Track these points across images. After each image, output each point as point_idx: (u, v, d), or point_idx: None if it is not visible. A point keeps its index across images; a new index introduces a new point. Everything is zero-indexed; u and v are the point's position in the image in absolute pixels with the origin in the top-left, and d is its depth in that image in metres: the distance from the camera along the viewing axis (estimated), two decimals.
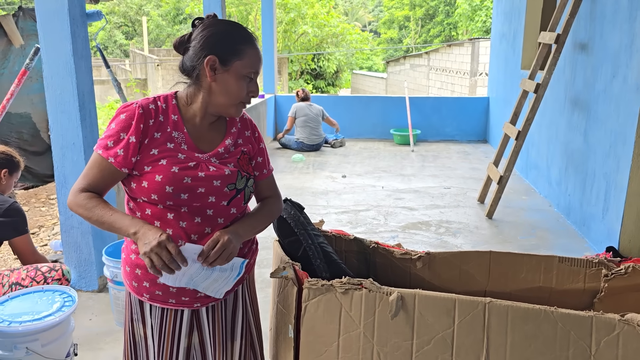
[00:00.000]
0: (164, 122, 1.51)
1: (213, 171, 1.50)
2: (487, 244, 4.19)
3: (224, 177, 1.51)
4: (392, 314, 1.60)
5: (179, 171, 1.46)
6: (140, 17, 25.45)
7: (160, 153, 1.47)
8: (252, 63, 1.51)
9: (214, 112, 1.55)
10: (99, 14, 3.22)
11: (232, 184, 1.53)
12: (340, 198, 5.39)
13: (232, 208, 1.55)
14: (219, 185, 1.50)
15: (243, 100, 1.52)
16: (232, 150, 1.59)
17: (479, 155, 7.42)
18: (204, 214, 1.50)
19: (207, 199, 1.49)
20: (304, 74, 17.51)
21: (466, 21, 20.83)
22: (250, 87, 1.52)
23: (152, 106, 1.51)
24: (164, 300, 1.54)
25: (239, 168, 1.57)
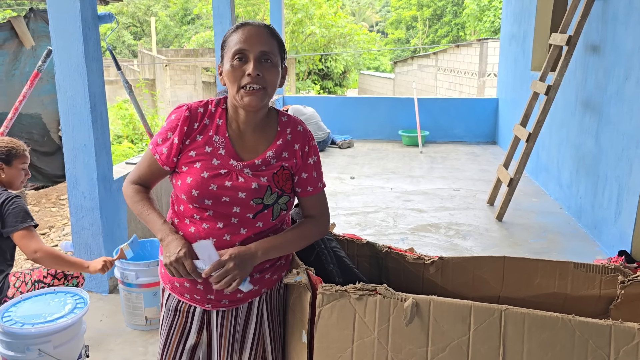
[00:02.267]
0: (209, 125, 1.52)
1: (241, 182, 1.49)
2: (498, 246, 4.16)
3: (250, 190, 1.49)
4: (407, 321, 1.58)
5: (208, 177, 1.47)
6: (148, 18, 25.55)
7: (197, 156, 1.50)
8: (238, 40, 1.46)
9: (242, 107, 1.51)
10: (110, 16, 3.23)
11: (258, 198, 1.50)
12: (349, 200, 5.38)
13: (258, 222, 1.53)
14: (244, 198, 1.49)
15: (242, 83, 1.46)
16: (273, 163, 1.54)
17: (488, 156, 7.39)
18: (228, 221, 1.50)
19: (232, 208, 1.49)
20: (312, 75, 17.50)
21: (474, 21, 20.75)
22: (245, 68, 1.45)
23: (200, 109, 1.53)
24: (180, 293, 1.58)
25: (272, 183, 1.52)
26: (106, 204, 3.26)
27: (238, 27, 1.50)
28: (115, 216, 3.38)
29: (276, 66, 1.50)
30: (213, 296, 1.54)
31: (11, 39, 5.53)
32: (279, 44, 1.53)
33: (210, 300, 1.56)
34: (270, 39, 1.50)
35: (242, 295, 1.56)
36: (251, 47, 1.46)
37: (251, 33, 1.47)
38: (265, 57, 1.47)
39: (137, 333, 2.94)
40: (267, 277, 1.62)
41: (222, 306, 1.58)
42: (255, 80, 1.45)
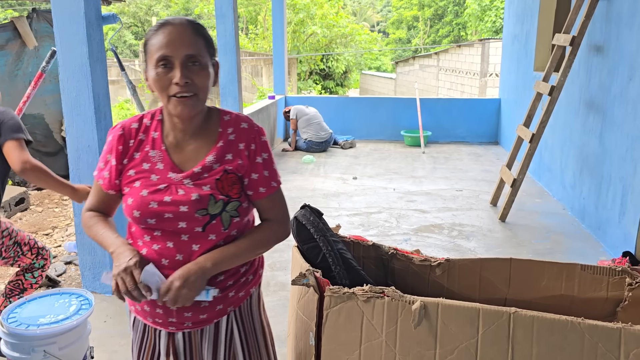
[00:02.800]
0: (145, 140, 1.44)
1: (181, 195, 1.38)
2: (501, 247, 4.16)
3: (191, 202, 1.37)
4: (415, 323, 1.58)
5: (148, 195, 1.38)
6: (149, 18, 25.56)
7: (136, 174, 1.42)
8: (160, 44, 1.34)
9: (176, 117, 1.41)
10: (114, 17, 3.23)
11: (202, 209, 1.38)
12: (352, 200, 5.37)
13: (209, 234, 1.40)
14: (187, 211, 1.37)
15: (170, 92, 1.35)
16: (215, 168, 1.42)
17: (490, 157, 7.38)
18: (178, 239, 1.40)
19: (177, 224, 1.38)
20: (313, 75, 17.49)
21: (475, 21, 20.74)
22: (171, 76, 1.34)
23: (134, 125, 1.45)
24: (144, 317, 1.50)
25: (216, 190, 1.40)
26: None
27: (158, 27, 1.38)
28: (118, 217, 3.36)
29: (205, 68, 1.39)
30: (174, 319, 1.45)
31: (14, 40, 5.53)
32: (205, 40, 1.41)
33: (173, 322, 1.47)
34: (195, 37, 1.38)
35: (205, 316, 1.47)
36: (175, 51, 1.34)
37: (173, 35, 1.35)
38: (192, 61, 1.36)
39: None
40: (232, 295, 1.50)
41: (186, 328, 1.48)
42: (184, 88, 1.34)
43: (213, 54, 1.45)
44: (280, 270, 3.75)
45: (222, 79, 5.92)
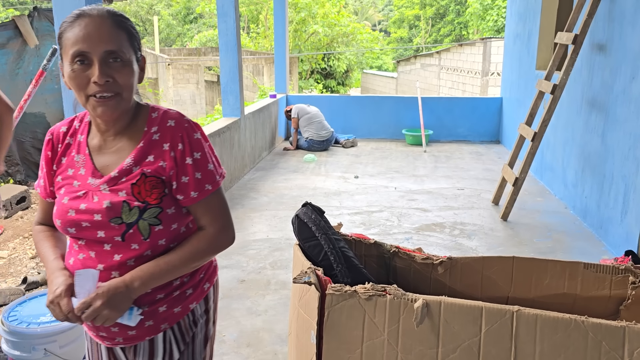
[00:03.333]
0: (72, 144, 1.35)
1: (95, 203, 1.28)
2: (503, 246, 4.15)
3: (103, 210, 1.27)
4: (417, 322, 1.57)
5: (67, 202, 1.30)
6: (151, 17, 25.56)
7: (62, 180, 1.34)
8: (76, 38, 1.21)
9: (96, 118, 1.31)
10: None
11: (116, 218, 1.27)
12: (353, 199, 5.36)
13: (130, 244, 1.29)
14: (101, 219, 1.27)
15: (89, 92, 1.23)
16: (134, 171, 1.30)
17: (492, 156, 7.36)
18: (100, 248, 1.30)
19: (96, 233, 1.29)
20: (314, 74, 17.49)
21: (477, 20, 20.72)
22: (90, 73, 1.22)
23: (64, 128, 1.38)
24: (88, 328, 1.43)
25: (132, 196, 1.28)
26: None
27: (74, 18, 1.24)
28: None
29: (128, 64, 1.26)
30: (104, 333, 1.37)
31: (15, 38, 5.53)
32: (128, 34, 1.28)
33: (104, 337, 1.38)
34: (117, 30, 1.25)
35: (134, 333, 1.35)
36: (93, 47, 1.21)
37: (90, 28, 1.22)
38: (113, 57, 1.23)
39: None
40: (163, 310, 1.37)
41: (118, 344, 1.39)
42: (104, 87, 1.22)
43: (138, 49, 1.32)
44: (282, 269, 3.74)
45: (223, 77, 5.91)
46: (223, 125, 5.52)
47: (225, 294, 3.37)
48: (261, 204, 5.21)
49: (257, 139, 6.85)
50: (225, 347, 2.79)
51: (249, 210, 5.01)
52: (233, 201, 5.27)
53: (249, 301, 3.28)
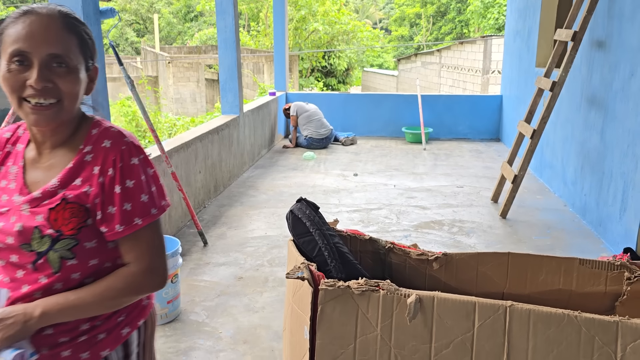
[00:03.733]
0: (11, 153, 1.23)
1: (10, 223, 1.15)
2: (501, 243, 4.14)
3: (14, 233, 1.14)
4: (410, 317, 1.56)
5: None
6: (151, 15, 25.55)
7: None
8: (17, 36, 1.10)
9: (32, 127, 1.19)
10: (112, 11, 3.21)
11: (26, 244, 1.14)
12: (352, 196, 5.36)
13: (39, 275, 1.15)
14: (13, 243, 1.15)
15: (23, 95, 1.11)
16: (58, 194, 1.16)
17: (491, 153, 7.35)
18: (14, 274, 1.17)
19: (9, 257, 1.16)
20: (315, 72, 17.47)
21: (478, 18, 20.69)
22: (27, 75, 1.10)
23: (7, 134, 1.25)
24: None
25: (47, 222, 1.14)
26: None
27: (20, 15, 1.13)
28: None
29: (74, 71, 1.14)
30: None
31: None
32: (80, 39, 1.16)
33: None
34: (66, 33, 1.13)
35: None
36: (35, 47, 1.09)
37: (35, 26, 1.10)
38: (57, 61, 1.12)
39: None
40: (67, 356, 1.19)
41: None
42: (41, 93, 1.10)
43: (90, 56, 1.20)
44: (280, 267, 3.73)
45: (222, 74, 5.91)
46: (222, 122, 5.51)
47: (223, 291, 3.36)
48: (260, 201, 5.21)
49: (256, 136, 6.85)
50: (222, 344, 2.79)
51: (248, 207, 5.01)
52: (232, 199, 5.27)
53: (246, 298, 3.28)
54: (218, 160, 5.35)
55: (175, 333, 2.90)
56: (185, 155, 4.50)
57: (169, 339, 2.84)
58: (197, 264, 3.74)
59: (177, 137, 4.73)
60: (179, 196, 4.26)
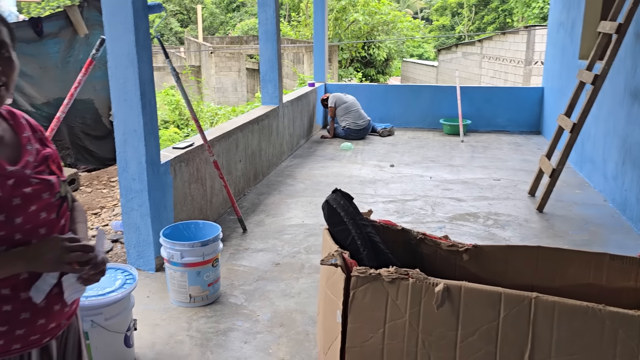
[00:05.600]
0: None
1: (36, 184, 1.27)
2: (537, 237, 4.13)
3: (50, 187, 1.30)
4: (438, 305, 1.64)
5: (4, 194, 1.21)
6: (195, 5, 25.96)
7: None
8: None
9: None
10: (159, 6, 3.36)
11: (57, 193, 1.32)
12: (388, 187, 5.41)
13: (61, 220, 1.35)
14: (48, 197, 1.29)
15: None
16: (39, 155, 1.34)
17: (531, 146, 7.25)
18: (38, 235, 1.27)
19: (39, 216, 1.28)
20: (354, 62, 17.45)
21: (522, 8, 20.17)
22: None
23: None
24: (5, 350, 1.26)
25: (55, 173, 1.35)
26: (154, 186, 3.42)
27: None
28: (162, 198, 3.53)
29: (13, 59, 1.26)
30: (55, 323, 1.34)
31: (66, 28, 5.78)
32: (10, 31, 1.29)
33: (53, 329, 1.34)
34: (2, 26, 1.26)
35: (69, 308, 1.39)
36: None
37: None
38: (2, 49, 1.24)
39: (182, 309, 3.09)
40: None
41: (62, 327, 1.38)
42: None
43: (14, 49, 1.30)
44: (316, 254, 3.84)
45: (262, 66, 6.03)
46: (262, 113, 5.64)
47: (261, 276, 3.50)
48: (297, 190, 5.32)
49: (295, 126, 6.96)
50: (259, 326, 2.92)
51: (286, 196, 5.13)
52: (270, 187, 5.41)
53: (283, 284, 3.40)
54: (258, 150, 5.49)
55: (215, 314, 3.04)
56: (226, 144, 4.65)
57: (209, 319, 2.99)
58: (236, 250, 3.89)
59: (219, 127, 4.89)
60: (220, 184, 4.41)
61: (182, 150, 3.87)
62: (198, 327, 2.91)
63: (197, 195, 4.07)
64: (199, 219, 4.04)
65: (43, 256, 1.20)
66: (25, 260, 1.20)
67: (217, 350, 2.71)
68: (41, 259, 1.20)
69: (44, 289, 1.24)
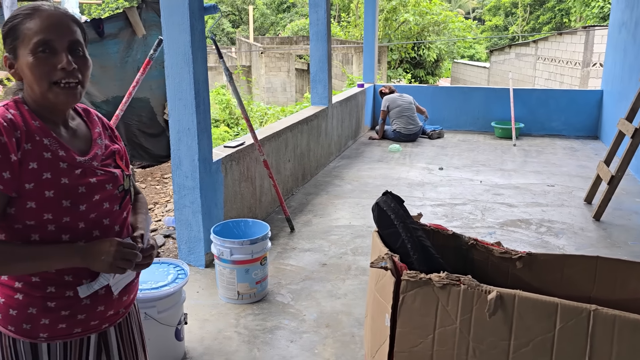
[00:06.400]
0: (29, 130, 1.27)
1: (101, 175, 1.35)
2: (593, 247, 3.98)
3: (114, 179, 1.38)
4: (490, 313, 1.60)
5: (70, 181, 1.28)
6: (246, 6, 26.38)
7: (40, 166, 1.25)
8: (39, 28, 1.25)
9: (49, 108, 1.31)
10: (215, 7, 3.43)
11: (121, 185, 1.40)
12: (437, 190, 5.34)
13: (123, 212, 1.42)
14: (111, 189, 1.37)
15: (54, 79, 1.25)
16: (108, 150, 1.43)
17: (588, 152, 6.99)
18: (101, 225, 1.35)
19: (102, 206, 1.34)
20: (403, 63, 17.29)
21: (581, 7, 19.45)
22: (55, 61, 1.25)
23: (9, 116, 1.26)
24: (68, 334, 1.33)
25: (120, 167, 1.43)
26: (205, 183, 3.50)
27: (31, 11, 1.27)
28: (213, 195, 3.61)
29: (88, 58, 1.33)
30: (113, 310, 1.41)
31: (125, 28, 5.98)
32: (82, 32, 1.34)
33: (111, 317, 1.41)
34: (74, 25, 1.31)
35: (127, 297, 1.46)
36: (59, 35, 1.26)
37: (54, 20, 1.27)
38: (77, 47, 1.30)
39: (230, 306, 3.14)
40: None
41: (120, 317, 1.45)
42: (71, 74, 1.27)
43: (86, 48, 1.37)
44: (362, 256, 3.83)
45: (312, 66, 6.06)
46: (311, 113, 5.68)
47: (308, 275, 3.52)
48: (345, 191, 5.32)
49: (343, 127, 6.97)
50: (306, 326, 2.94)
51: (333, 197, 5.14)
52: (318, 187, 5.43)
53: (329, 284, 3.41)
54: (306, 150, 5.52)
55: (262, 312, 3.08)
56: (276, 144, 4.71)
57: (256, 317, 3.03)
58: (283, 249, 3.93)
59: (269, 127, 4.95)
60: (268, 183, 4.47)
61: (233, 149, 3.94)
62: (246, 324, 2.96)
63: (247, 193, 4.14)
64: (247, 217, 4.10)
65: (99, 257, 1.26)
66: (81, 257, 1.26)
67: (264, 347, 2.74)
68: (97, 259, 1.26)
69: (94, 288, 1.31)
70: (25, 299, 1.29)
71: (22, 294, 1.29)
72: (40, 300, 1.29)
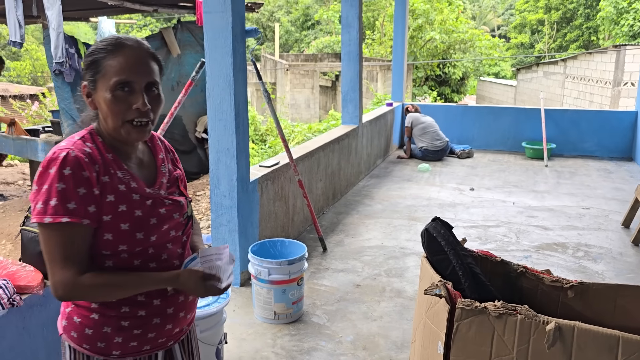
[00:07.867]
0: (105, 163, 1.32)
1: (169, 205, 1.41)
2: (634, 273, 3.89)
3: (180, 208, 1.44)
4: (549, 344, 1.58)
5: (143, 214, 1.34)
6: (272, 24, 26.74)
7: (117, 199, 1.31)
8: (120, 68, 1.29)
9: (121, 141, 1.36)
10: (256, 30, 3.49)
11: (185, 213, 1.46)
12: (469, 212, 5.29)
13: (183, 237, 1.47)
14: (178, 217, 1.43)
15: (127, 117, 1.30)
16: (171, 177, 1.48)
17: (623, 174, 6.86)
18: (166, 249, 1.41)
19: (169, 234, 1.41)
20: (429, 81, 17.29)
21: (609, 25, 19.25)
22: (131, 100, 1.30)
23: (87, 149, 1.30)
24: (138, 350, 1.39)
25: (183, 194, 1.49)
26: (243, 203, 3.53)
27: (115, 47, 1.31)
28: (250, 215, 3.64)
29: (161, 94, 1.37)
30: (179, 328, 1.47)
31: (161, 48, 6.13)
32: (159, 66, 1.39)
33: (177, 334, 1.47)
34: (153, 63, 1.36)
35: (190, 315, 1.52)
36: (138, 77, 1.31)
37: (133, 59, 1.31)
38: (153, 87, 1.34)
39: (266, 326, 3.15)
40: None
41: (183, 333, 1.51)
42: (145, 114, 1.32)
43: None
44: (396, 277, 3.81)
45: (344, 86, 6.10)
46: (342, 132, 5.70)
47: (342, 297, 3.51)
48: (375, 211, 5.31)
49: (372, 146, 6.98)
50: (342, 348, 2.92)
51: (364, 216, 5.14)
52: (348, 207, 5.43)
53: (364, 306, 3.40)
54: (337, 169, 5.54)
55: (299, 333, 3.08)
56: (309, 163, 4.73)
57: (293, 337, 3.03)
58: (317, 269, 3.93)
59: (302, 146, 4.98)
60: (301, 202, 4.49)
61: (269, 169, 3.97)
62: (282, 344, 2.96)
63: (280, 213, 4.16)
64: (281, 236, 4.12)
65: (186, 287, 1.36)
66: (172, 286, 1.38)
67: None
68: (185, 288, 1.37)
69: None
70: (100, 318, 1.35)
71: (97, 314, 1.35)
72: (115, 320, 1.35)
